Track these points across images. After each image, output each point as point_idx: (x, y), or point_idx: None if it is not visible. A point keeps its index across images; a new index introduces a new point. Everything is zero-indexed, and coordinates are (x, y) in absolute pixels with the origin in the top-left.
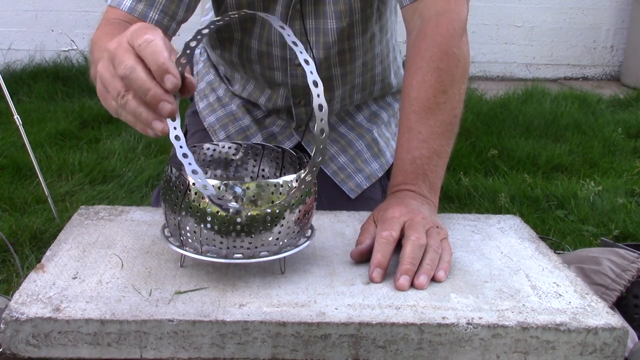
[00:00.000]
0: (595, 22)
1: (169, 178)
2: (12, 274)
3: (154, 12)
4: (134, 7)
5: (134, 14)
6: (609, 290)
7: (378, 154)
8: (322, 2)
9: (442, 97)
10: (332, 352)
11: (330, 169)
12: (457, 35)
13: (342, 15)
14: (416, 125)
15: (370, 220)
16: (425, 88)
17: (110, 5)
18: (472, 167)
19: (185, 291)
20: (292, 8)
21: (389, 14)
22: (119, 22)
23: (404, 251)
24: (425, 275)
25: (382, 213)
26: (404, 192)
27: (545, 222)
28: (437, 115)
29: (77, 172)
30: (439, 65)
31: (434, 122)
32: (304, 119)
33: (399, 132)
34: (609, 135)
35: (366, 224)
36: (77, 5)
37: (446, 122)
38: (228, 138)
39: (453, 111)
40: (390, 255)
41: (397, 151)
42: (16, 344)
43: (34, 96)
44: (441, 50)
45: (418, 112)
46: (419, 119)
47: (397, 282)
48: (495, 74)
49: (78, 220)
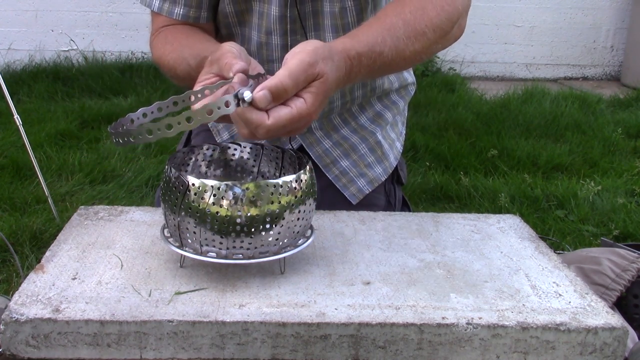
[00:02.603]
0: (595, 22)
1: (168, 178)
2: (12, 274)
3: (178, 7)
4: (161, 7)
5: (162, 13)
6: (609, 290)
7: (382, 158)
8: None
9: (426, 43)
10: (332, 353)
11: (332, 173)
12: (458, 13)
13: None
14: (399, 34)
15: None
16: (422, 23)
17: (152, 10)
18: (472, 167)
19: (185, 292)
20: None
21: (385, 4)
22: (168, 29)
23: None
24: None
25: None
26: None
27: (545, 222)
28: (417, 39)
29: (77, 172)
30: (433, 20)
31: (403, 33)
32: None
33: (375, 17)
34: (609, 135)
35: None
36: (77, 5)
37: (414, 56)
38: (232, 138)
39: (421, 56)
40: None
41: (364, 25)
42: (16, 344)
43: (34, 96)
44: (443, 14)
45: (407, 28)
46: (404, 34)
47: None
48: (495, 74)
49: (78, 221)
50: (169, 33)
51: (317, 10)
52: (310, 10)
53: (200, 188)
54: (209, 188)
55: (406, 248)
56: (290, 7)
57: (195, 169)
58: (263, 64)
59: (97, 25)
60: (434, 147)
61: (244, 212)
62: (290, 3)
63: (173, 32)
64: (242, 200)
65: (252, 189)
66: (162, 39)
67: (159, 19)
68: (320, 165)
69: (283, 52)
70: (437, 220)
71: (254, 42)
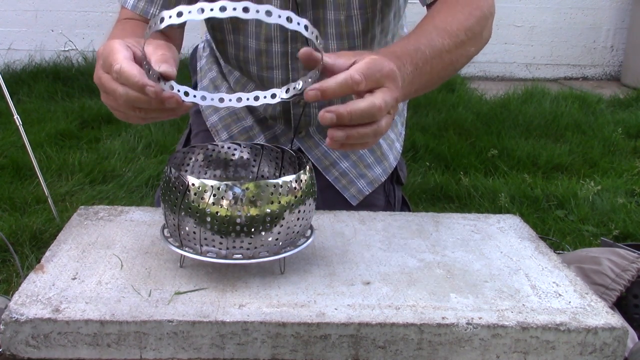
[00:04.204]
0: (595, 22)
1: (168, 178)
2: (12, 274)
3: (154, 7)
4: (136, 5)
5: (137, 11)
6: (609, 290)
7: (381, 158)
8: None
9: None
10: (332, 353)
11: (332, 175)
12: (485, 17)
13: (341, 8)
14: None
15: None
16: (453, 26)
17: (121, 5)
18: (472, 167)
19: (184, 292)
20: (292, 1)
21: (392, 17)
22: (128, 22)
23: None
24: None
25: (380, 59)
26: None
27: (545, 222)
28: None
29: (77, 172)
30: (463, 23)
31: (448, 47)
32: (302, 123)
33: (411, 34)
34: (609, 135)
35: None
36: (77, 5)
37: (453, 60)
38: (231, 138)
39: (460, 61)
40: (338, 95)
41: (402, 40)
42: (16, 344)
43: (34, 96)
44: (472, 18)
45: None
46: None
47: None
48: (495, 74)
49: (77, 221)
50: (127, 24)
51: (318, 18)
52: (312, 18)
53: (200, 188)
54: (209, 188)
55: (406, 248)
56: None
57: (195, 169)
58: (262, 71)
59: (97, 25)
60: (434, 147)
61: (244, 212)
62: (292, 10)
63: (129, 24)
64: (242, 200)
65: (252, 189)
66: (120, 26)
67: (124, 12)
68: (319, 168)
69: (283, 59)
70: (437, 220)
71: (251, 49)
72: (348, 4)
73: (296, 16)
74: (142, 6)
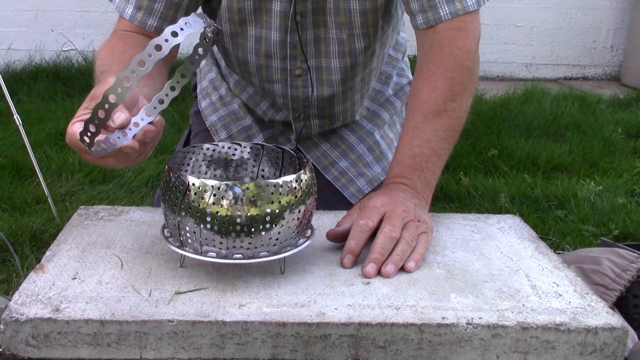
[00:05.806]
0: (595, 22)
1: (168, 178)
2: (12, 274)
3: (152, 19)
4: (134, 16)
5: (134, 22)
6: (609, 290)
7: (380, 157)
8: (322, 16)
9: (451, 105)
10: (332, 353)
11: (331, 174)
12: (472, 50)
13: (343, 27)
14: (421, 126)
15: (356, 207)
16: (437, 94)
17: (119, 14)
18: (472, 167)
19: (185, 291)
20: (292, 20)
21: (391, 31)
22: (122, 35)
23: (375, 241)
24: (393, 264)
25: (366, 201)
26: (396, 184)
27: (545, 222)
28: (443, 120)
29: (77, 172)
30: (453, 76)
31: (439, 125)
32: (303, 133)
33: (403, 130)
34: (609, 135)
35: (351, 210)
36: (77, 5)
37: (451, 128)
38: (230, 138)
39: (459, 120)
40: (364, 244)
41: (398, 147)
42: (16, 344)
43: (34, 96)
44: (456, 62)
45: (425, 115)
46: (425, 120)
47: (364, 269)
48: (495, 74)
49: (78, 221)
50: (120, 40)
51: (319, 37)
52: (312, 37)
53: (200, 188)
54: (209, 188)
55: None
56: (290, 33)
57: (195, 169)
58: (263, 83)
59: (97, 25)
60: None
61: (244, 212)
62: (291, 28)
63: (122, 40)
64: (242, 200)
65: (252, 189)
66: (112, 42)
67: (122, 22)
68: (319, 167)
69: (283, 74)
70: (437, 220)
71: (252, 64)
72: (350, 23)
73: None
74: (140, 17)
